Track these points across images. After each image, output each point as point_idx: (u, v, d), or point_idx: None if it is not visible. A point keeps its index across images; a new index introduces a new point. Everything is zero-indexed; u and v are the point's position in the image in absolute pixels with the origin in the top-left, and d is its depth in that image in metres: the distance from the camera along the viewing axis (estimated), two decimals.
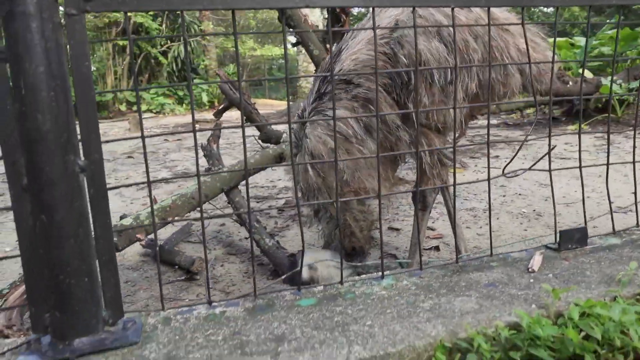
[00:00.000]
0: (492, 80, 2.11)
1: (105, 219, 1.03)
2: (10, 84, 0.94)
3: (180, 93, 16.48)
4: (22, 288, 2.75)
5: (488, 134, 1.51)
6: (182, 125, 12.60)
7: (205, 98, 16.82)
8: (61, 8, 0.97)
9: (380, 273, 1.29)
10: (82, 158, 0.99)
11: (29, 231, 0.98)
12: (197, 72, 17.30)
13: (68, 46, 0.97)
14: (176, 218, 3.53)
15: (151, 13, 15.66)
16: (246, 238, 4.32)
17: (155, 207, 3.49)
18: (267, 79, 9.81)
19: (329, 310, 1.12)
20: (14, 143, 0.96)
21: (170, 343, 1.00)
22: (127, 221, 3.20)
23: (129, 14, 1.05)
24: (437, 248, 3.58)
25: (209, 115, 13.96)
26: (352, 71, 2.02)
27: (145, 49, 16.59)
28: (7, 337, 2.54)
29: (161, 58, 16.95)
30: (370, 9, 1.25)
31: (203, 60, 17.51)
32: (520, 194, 4.48)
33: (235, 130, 9.92)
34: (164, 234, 4.05)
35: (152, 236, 3.70)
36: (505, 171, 1.59)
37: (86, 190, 1.00)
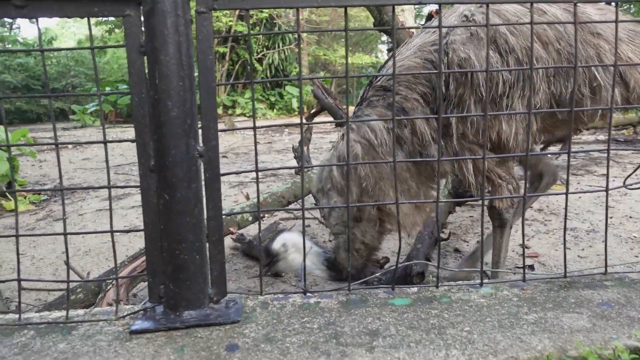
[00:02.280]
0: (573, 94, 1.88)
1: (217, 202, 1.10)
2: (146, 73, 1.05)
3: (272, 99, 17.19)
4: (131, 266, 3.02)
5: (568, 146, 1.38)
6: (272, 129, 13.10)
7: (295, 104, 17.38)
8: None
9: (478, 281, 1.23)
10: (201, 144, 1.08)
11: (152, 207, 1.08)
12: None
13: (195, 40, 1.06)
14: (276, 214, 3.66)
15: (251, 22, 16.54)
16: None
17: (247, 203, 3.67)
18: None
19: (424, 312, 1.09)
20: (146, 127, 1.06)
21: (269, 325, 1.04)
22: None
23: (250, 11, 1.12)
24: (531, 267, 3.34)
25: (298, 120, 14.38)
26: (396, 76, 1.94)
27: (243, 56, 17.56)
28: None
29: (257, 65, 17.84)
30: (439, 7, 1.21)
31: (295, 67, 18.12)
32: (630, 217, 4.04)
33: (323, 136, 10.11)
34: (252, 230, 4.23)
35: (242, 230, 3.88)
36: (627, 184, 1.44)
37: (202, 174, 1.08)
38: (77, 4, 1.03)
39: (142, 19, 1.04)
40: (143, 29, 1.04)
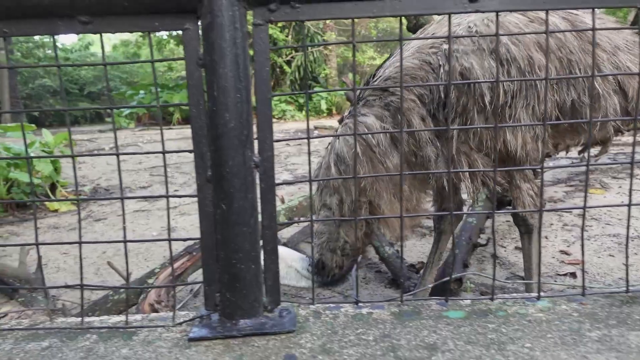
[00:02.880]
0: (574, 102, 1.81)
1: (272, 211, 1.11)
2: (204, 86, 1.07)
3: (301, 100, 17.28)
4: (169, 270, 3.08)
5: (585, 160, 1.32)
6: (302, 131, 13.16)
7: (324, 106, 17.42)
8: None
9: (535, 294, 1.20)
10: (256, 155, 1.09)
11: (209, 217, 1.10)
12: (317, 81, 18.00)
13: (252, 52, 1.07)
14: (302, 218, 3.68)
15: (280, 25, 16.69)
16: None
17: (283, 206, 3.69)
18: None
19: (481, 326, 1.07)
20: (203, 138, 1.08)
21: (324, 336, 1.05)
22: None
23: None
24: (573, 275, 3.24)
25: (327, 121, 14.41)
26: (391, 78, 1.90)
27: (272, 59, 17.72)
28: (156, 311, 2.87)
29: (285, 67, 17.96)
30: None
31: (324, 69, 18.16)
32: None
33: None
34: (286, 233, 4.26)
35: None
36: None
37: (257, 184, 1.10)
38: (139, 19, 1.06)
39: (201, 32, 1.06)
40: (201, 42, 1.06)
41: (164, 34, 20.89)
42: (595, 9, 1.14)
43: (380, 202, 1.99)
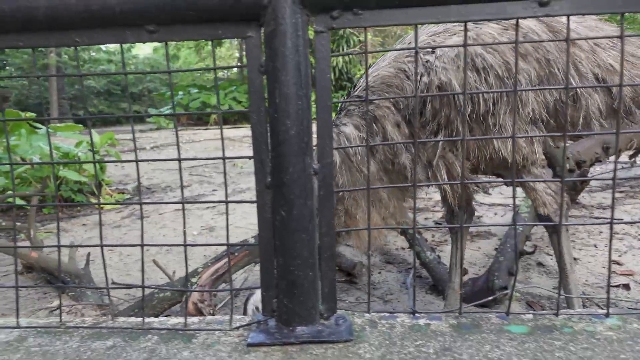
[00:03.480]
0: (556, 103, 1.81)
1: (330, 219, 1.10)
2: (266, 93, 1.08)
3: (334, 99, 17.28)
4: (213, 268, 3.14)
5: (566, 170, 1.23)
6: None
7: None
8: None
9: (604, 310, 1.15)
10: (316, 162, 1.09)
11: (267, 223, 1.11)
12: (352, 82, 17.97)
13: (313, 59, 1.07)
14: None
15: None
16: (403, 248, 4.31)
17: None
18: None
19: (547, 343, 1.03)
20: (264, 144, 1.09)
21: (382, 347, 1.03)
22: None
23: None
24: (626, 286, 3.09)
25: None
26: (370, 87, 1.92)
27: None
28: (200, 310, 2.92)
29: None
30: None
31: (359, 70, 18.11)
32: None
33: None
34: None
35: None
36: None
37: (316, 191, 1.09)
38: (203, 28, 1.07)
39: (263, 40, 1.06)
40: (263, 49, 1.07)
41: None
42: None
43: (357, 211, 2.01)
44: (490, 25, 1.81)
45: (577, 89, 1.80)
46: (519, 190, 2.62)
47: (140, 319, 1.20)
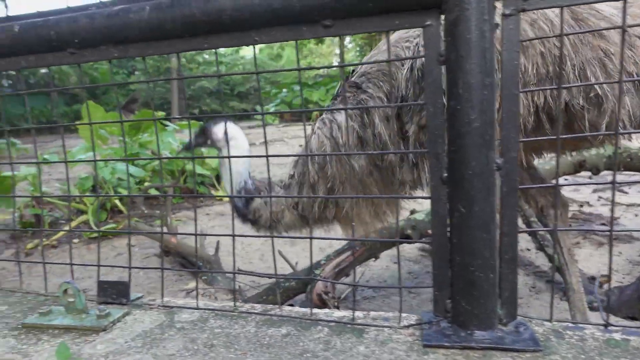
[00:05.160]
0: (570, 106, 1.53)
1: (513, 217, 1.02)
2: (444, 84, 1.03)
3: None
4: (335, 261, 3.18)
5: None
6: None
7: None
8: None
9: None
10: (498, 156, 1.01)
11: (442, 219, 1.06)
12: None
13: (498, 45, 1.00)
14: None
15: None
16: (528, 249, 4.00)
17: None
18: None
19: None
20: (440, 138, 1.04)
21: None
22: (419, 216, 3.36)
23: None
24: None
25: None
26: (366, 74, 1.80)
27: None
28: (324, 301, 2.98)
29: None
30: None
31: None
32: None
33: None
34: None
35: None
36: None
37: (498, 187, 1.02)
38: (379, 19, 1.05)
39: (443, 28, 1.01)
40: (443, 38, 1.02)
41: None
42: None
43: (345, 204, 1.95)
44: None
45: (601, 89, 1.51)
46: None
47: (305, 310, 1.23)
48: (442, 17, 1.02)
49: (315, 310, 1.22)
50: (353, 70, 1.95)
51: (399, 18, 1.04)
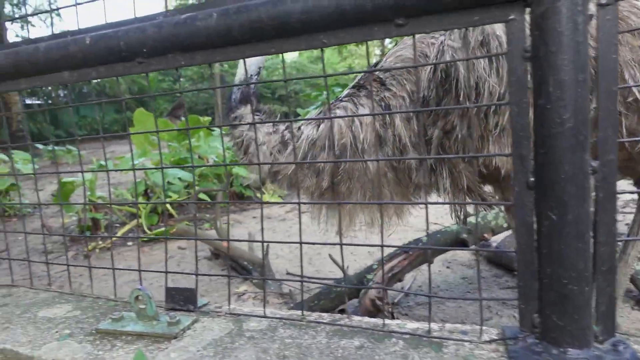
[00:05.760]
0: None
1: (611, 225, 0.94)
2: (530, 82, 0.96)
3: None
4: (388, 266, 3.11)
5: None
6: None
7: None
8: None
9: None
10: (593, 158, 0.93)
11: (528, 227, 0.99)
12: None
13: (592, 38, 0.92)
14: None
15: None
16: None
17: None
18: None
19: None
20: (525, 139, 0.97)
21: None
22: (474, 219, 3.23)
23: None
24: None
25: None
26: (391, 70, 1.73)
27: None
28: (377, 307, 2.91)
29: None
30: None
31: None
32: None
33: None
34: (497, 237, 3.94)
35: (493, 237, 3.64)
36: None
37: (592, 192, 0.94)
38: (456, 16, 1.00)
39: (528, 22, 0.94)
40: (529, 32, 0.94)
41: None
42: None
43: (347, 198, 1.86)
44: None
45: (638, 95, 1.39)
46: None
47: (376, 320, 1.18)
48: (527, 10, 0.95)
49: (387, 321, 1.17)
50: (377, 63, 1.89)
51: (478, 13, 0.98)
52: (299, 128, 1.96)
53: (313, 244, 1.22)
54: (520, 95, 0.97)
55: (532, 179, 0.97)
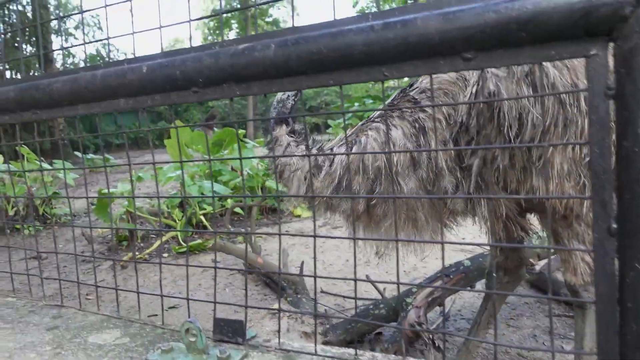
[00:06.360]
0: None
1: None
2: (613, 121, 0.89)
3: None
4: (428, 290, 3.02)
5: None
6: None
7: None
8: None
9: None
10: None
11: (609, 277, 0.92)
12: None
13: None
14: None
15: None
16: None
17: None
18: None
19: None
20: (608, 183, 0.90)
21: None
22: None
23: None
24: None
25: None
26: (427, 91, 1.72)
27: None
28: (417, 333, 2.82)
29: None
30: None
31: None
32: None
33: None
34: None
35: (540, 261, 3.50)
36: None
37: None
38: (531, 50, 0.94)
39: (613, 57, 0.88)
40: (612, 69, 0.88)
41: None
42: None
43: (382, 223, 1.86)
44: None
45: None
46: None
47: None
48: (611, 44, 0.89)
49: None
50: (411, 85, 1.84)
51: (555, 48, 0.93)
52: (332, 149, 1.97)
53: (366, 281, 1.17)
54: (602, 135, 0.90)
55: (615, 226, 0.90)
